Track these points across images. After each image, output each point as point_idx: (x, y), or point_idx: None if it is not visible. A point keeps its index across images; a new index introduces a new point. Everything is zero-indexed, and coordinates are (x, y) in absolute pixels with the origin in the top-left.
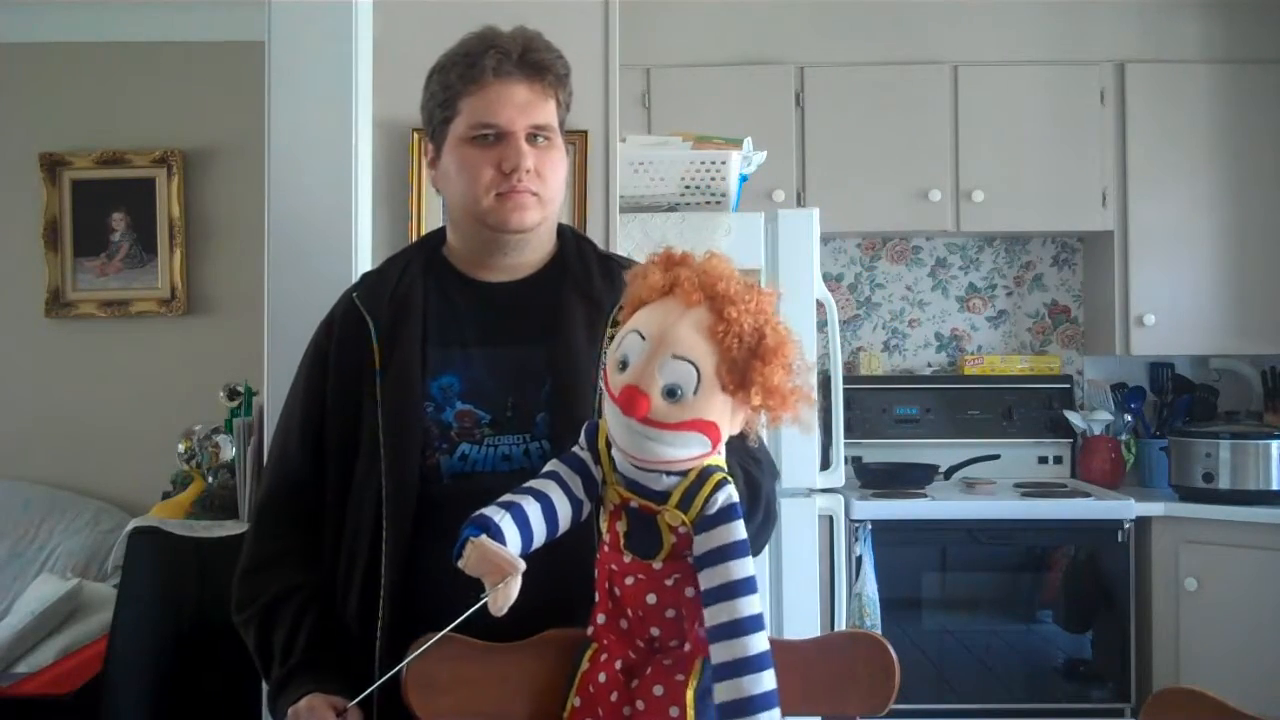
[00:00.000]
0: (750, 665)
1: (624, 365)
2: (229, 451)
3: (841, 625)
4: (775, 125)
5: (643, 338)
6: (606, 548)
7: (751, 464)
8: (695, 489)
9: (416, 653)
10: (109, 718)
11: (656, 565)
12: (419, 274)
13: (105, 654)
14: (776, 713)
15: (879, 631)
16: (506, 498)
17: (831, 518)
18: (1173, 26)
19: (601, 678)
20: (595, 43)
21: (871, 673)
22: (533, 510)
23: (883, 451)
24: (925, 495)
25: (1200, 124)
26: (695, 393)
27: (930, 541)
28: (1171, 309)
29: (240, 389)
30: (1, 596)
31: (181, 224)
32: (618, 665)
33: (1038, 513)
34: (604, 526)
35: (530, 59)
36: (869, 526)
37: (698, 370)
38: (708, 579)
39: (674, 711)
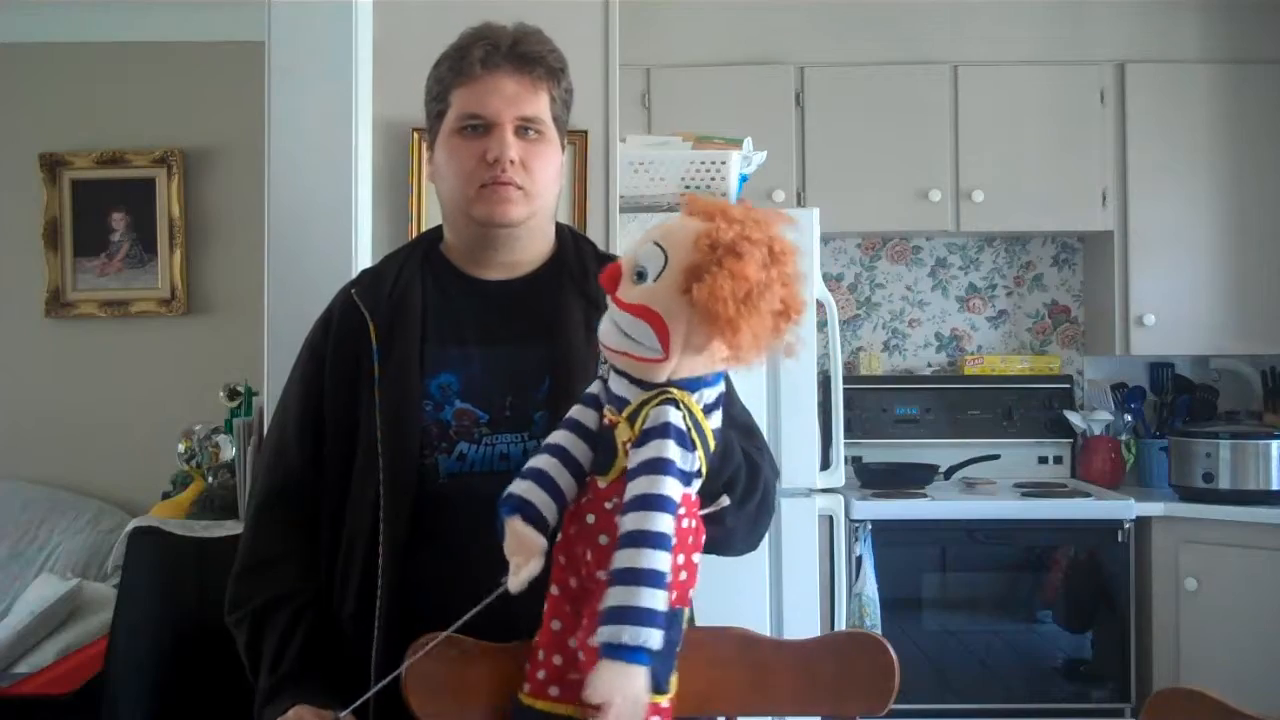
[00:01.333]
0: (639, 577)
1: (639, 276)
2: (229, 451)
3: (841, 625)
4: (775, 125)
5: (655, 243)
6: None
7: (754, 451)
8: (645, 405)
9: (419, 653)
10: (109, 718)
11: (602, 484)
12: (417, 271)
13: (105, 654)
14: (650, 635)
15: (879, 631)
16: (528, 464)
17: (831, 518)
18: (1173, 26)
19: (545, 606)
20: (595, 43)
21: (871, 673)
22: (545, 462)
23: (883, 451)
24: (925, 495)
25: (1200, 124)
26: (655, 279)
27: (930, 541)
28: (1171, 309)
29: (240, 389)
30: (1, 596)
31: (181, 224)
32: (555, 590)
33: (1038, 513)
34: None
35: (519, 50)
36: (869, 526)
37: (665, 258)
38: (630, 490)
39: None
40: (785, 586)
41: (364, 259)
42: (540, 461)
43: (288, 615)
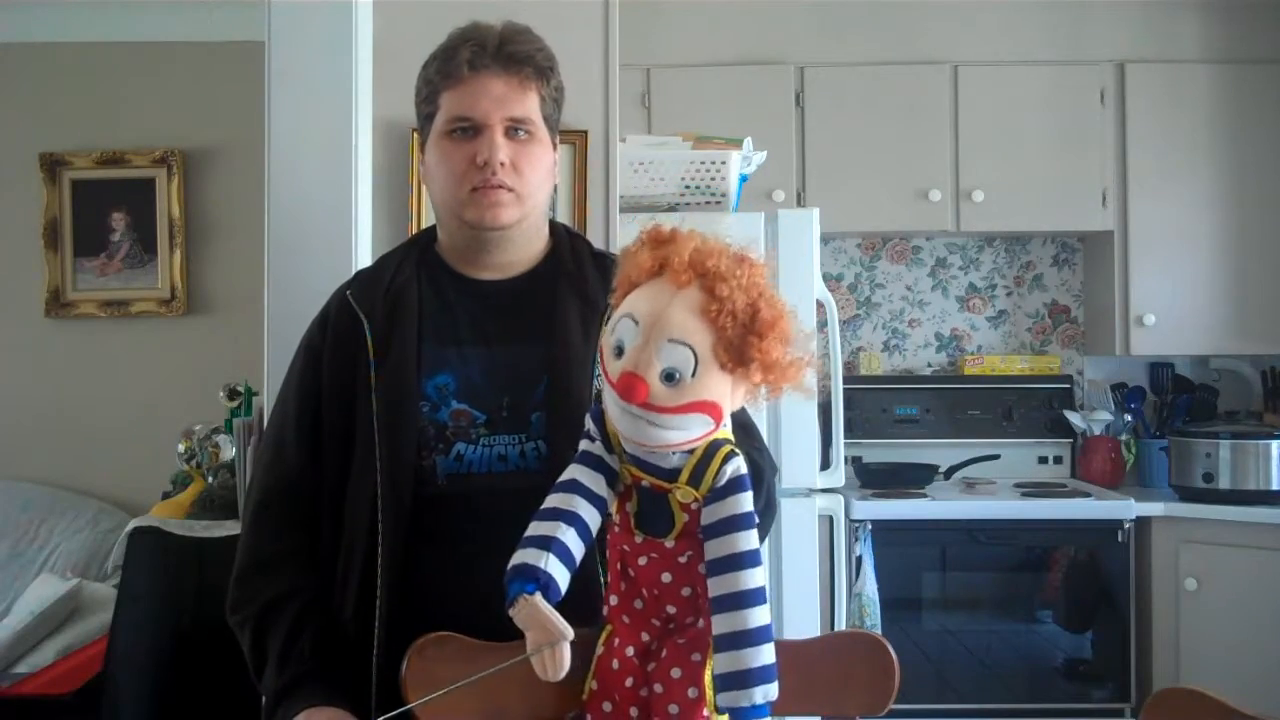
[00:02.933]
0: (750, 638)
1: (620, 351)
2: (229, 451)
3: (841, 625)
4: (775, 125)
5: (636, 322)
6: (617, 529)
7: (755, 451)
8: (705, 464)
9: (422, 700)
10: (109, 718)
11: (669, 544)
12: (413, 272)
13: (105, 654)
14: (774, 687)
15: (879, 631)
16: (542, 531)
17: (831, 518)
18: (1173, 26)
19: (615, 664)
20: (595, 43)
21: (871, 673)
22: (571, 540)
23: (883, 451)
24: (925, 495)
25: (1200, 124)
26: (693, 375)
27: (930, 541)
28: (1171, 309)
29: (240, 389)
30: (1, 596)
31: (181, 224)
32: (629, 651)
33: (1038, 513)
34: (613, 509)
35: (507, 51)
36: (869, 526)
37: (694, 353)
38: (713, 550)
39: (692, 693)
40: (785, 586)
41: (364, 259)
42: (550, 530)
43: (292, 614)
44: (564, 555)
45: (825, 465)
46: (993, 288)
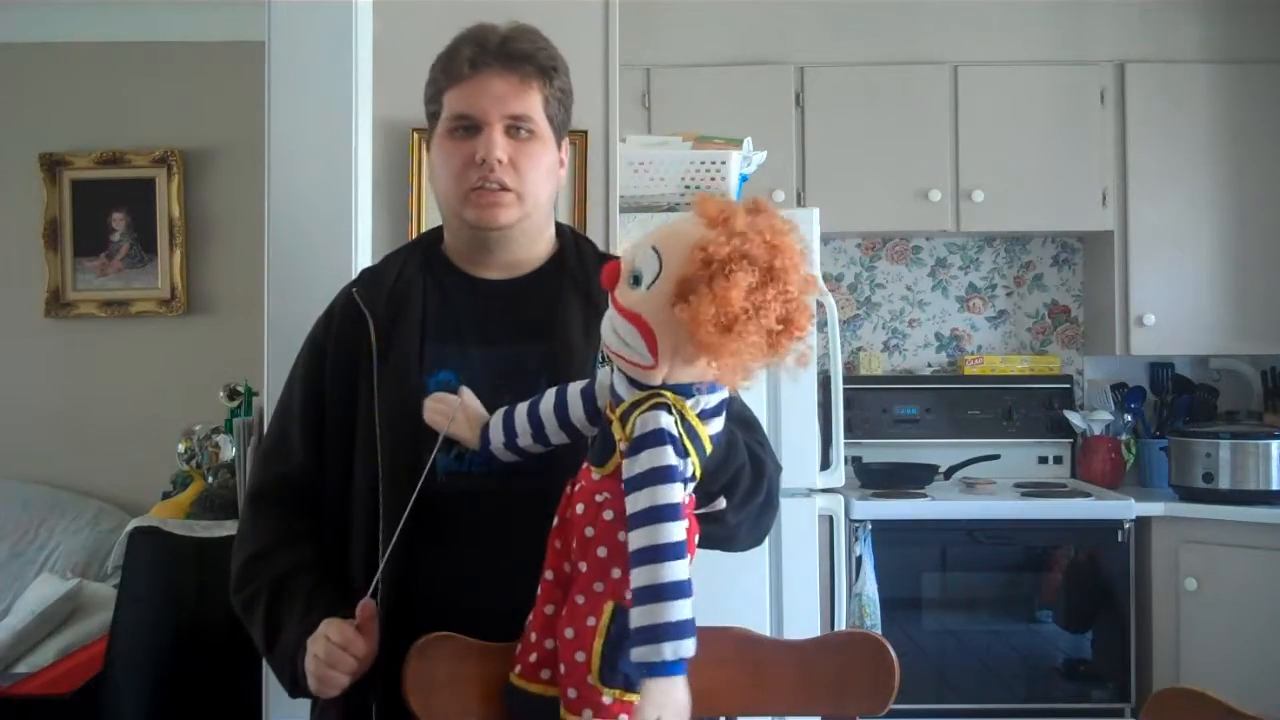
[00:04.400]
0: (664, 592)
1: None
2: (229, 451)
3: (841, 625)
4: (775, 125)
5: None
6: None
7: (757, 446)
8: (635, 407)
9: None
10: (109, 718)
11: (596, 476)
12: (418, 270)
13: (105, 654)
14: (687, 644)
15: (879, 631)
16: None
17: (831, 518)
18: (1173, 26)
19: (538, 591)
20: (595, 43)
21: (871, 673)
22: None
23: (883, 451)
24: (925, 495)
25: (1200, 124)
26: (648, 287)
27: (930, 541)
28: (1171, 309)
29: (240, 389)
30: (1, 596)
31: (181, 224)
32: (549, 575)
33: (1038, 513)
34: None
35: (508, 49)
36: (869, 526)
37: (660, 265)
38: (633, 503)
39: (579, 657)
40: (785, 586)
41: (364, 259)
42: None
43: (312, 579)
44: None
45: (825, 465)
46: (993, 288)
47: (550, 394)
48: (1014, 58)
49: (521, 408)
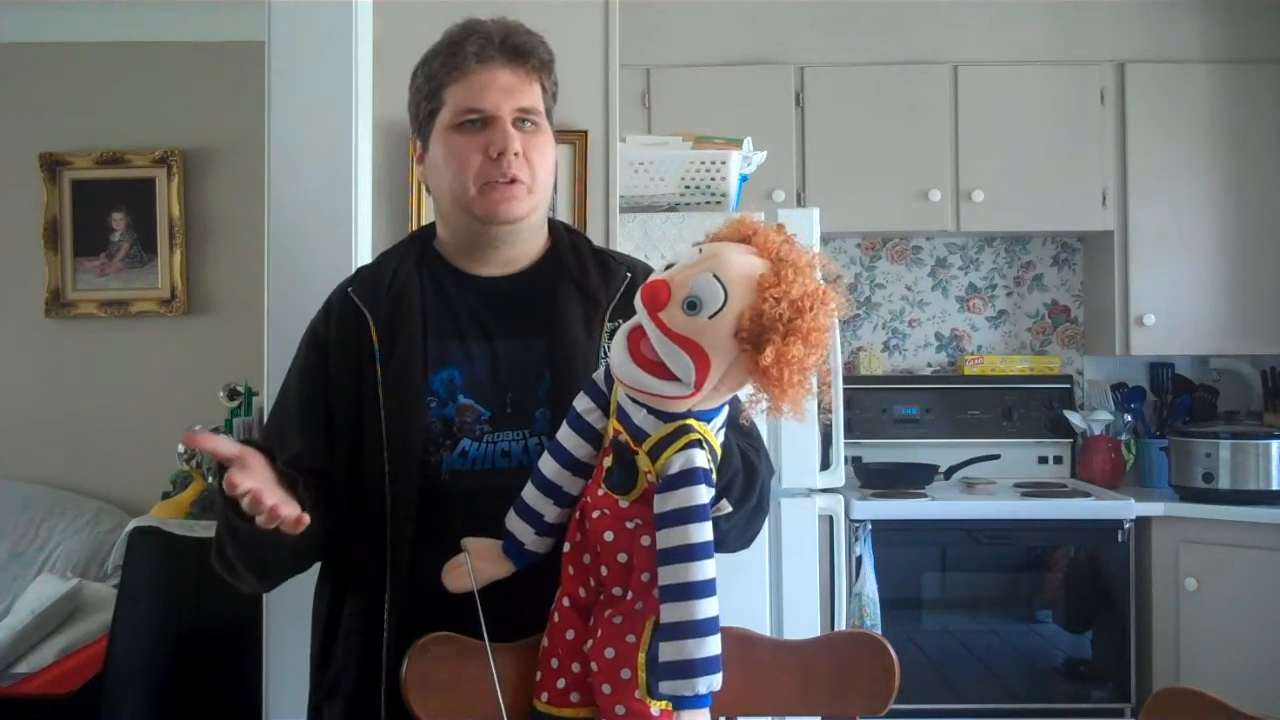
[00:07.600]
0: (696, 629)
1: (668, 268)
2: None
3: (841, 625)
4: (775, 125)
5: (700, 251)
6: (593, 480)
7: (751, 451)
8: (668, 441)
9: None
10: (109, 718)
11: (623, 504)
12: (414, 268)
13: (105, 654)
14: (718, 679)
15: (879, 631)
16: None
17: (831, 518)
18: (1173, 26)
19: (556, 617)
20: (595, 43)
21: (871, 673)
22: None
23: (883, 451)
24: (925, 495)
25: (1200, 124)
26: (711, 317)
27: (930, 541)
28: (1171, 309)
29: (240, 389)
30: (1, 596)
31: (181, 224)
32: (566, 602)
33: (1038, 513)
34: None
35: (512, 43)
36: (869, 526)
37: (726, 298)
38: (664, 539)
39: (625, 674)
40: (785, 586)
41: (364, 258)
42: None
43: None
44: (541, 527)
45: (825, 465)
46: (993, 288)
47: (544, 457)
48: (1014, 58)
49: (527, 492)
